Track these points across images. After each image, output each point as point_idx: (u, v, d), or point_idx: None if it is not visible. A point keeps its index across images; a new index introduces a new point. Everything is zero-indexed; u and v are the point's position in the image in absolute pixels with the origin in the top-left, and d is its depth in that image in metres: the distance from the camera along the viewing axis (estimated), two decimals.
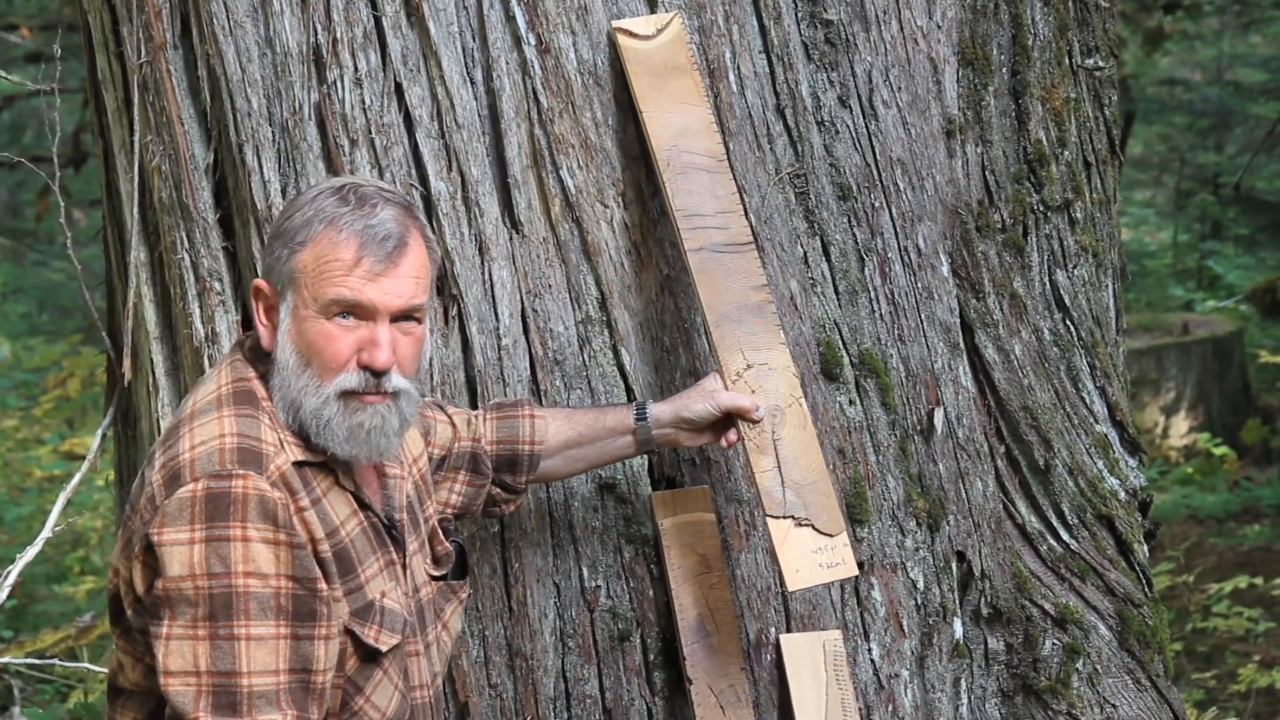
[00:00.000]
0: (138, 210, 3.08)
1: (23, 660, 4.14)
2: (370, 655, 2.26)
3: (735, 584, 2.91)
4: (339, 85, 2.81)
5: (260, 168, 2.83)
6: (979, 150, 3.34)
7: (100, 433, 3.62)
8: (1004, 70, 3.37)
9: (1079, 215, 3.44)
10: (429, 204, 2.82)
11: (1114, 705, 3.27)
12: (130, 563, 2.18)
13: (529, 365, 2.85)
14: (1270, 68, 11.65)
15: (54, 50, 3.61)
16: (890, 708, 3.04)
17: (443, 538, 2.51)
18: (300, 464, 2.22)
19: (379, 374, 2.22)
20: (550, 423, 2.69)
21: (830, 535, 2.68)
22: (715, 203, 2.81)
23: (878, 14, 3.15)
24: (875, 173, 3.12)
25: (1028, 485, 3.36)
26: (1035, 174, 3.38)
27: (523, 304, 2.85)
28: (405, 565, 2.37)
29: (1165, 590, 6.64)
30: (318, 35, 2.81)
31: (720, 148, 2.86)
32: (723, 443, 2.70)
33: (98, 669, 3.85)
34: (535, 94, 2.84)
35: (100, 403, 6.63)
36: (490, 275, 2.84)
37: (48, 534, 3.58)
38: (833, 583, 2.91)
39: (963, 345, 3.27)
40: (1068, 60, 3.46)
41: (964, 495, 3.22)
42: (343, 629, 2.23)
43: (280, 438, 2.22)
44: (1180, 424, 9.26)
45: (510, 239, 2.85)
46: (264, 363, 2.28)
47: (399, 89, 2.82)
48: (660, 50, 2.87)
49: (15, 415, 9.11)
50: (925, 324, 3.17)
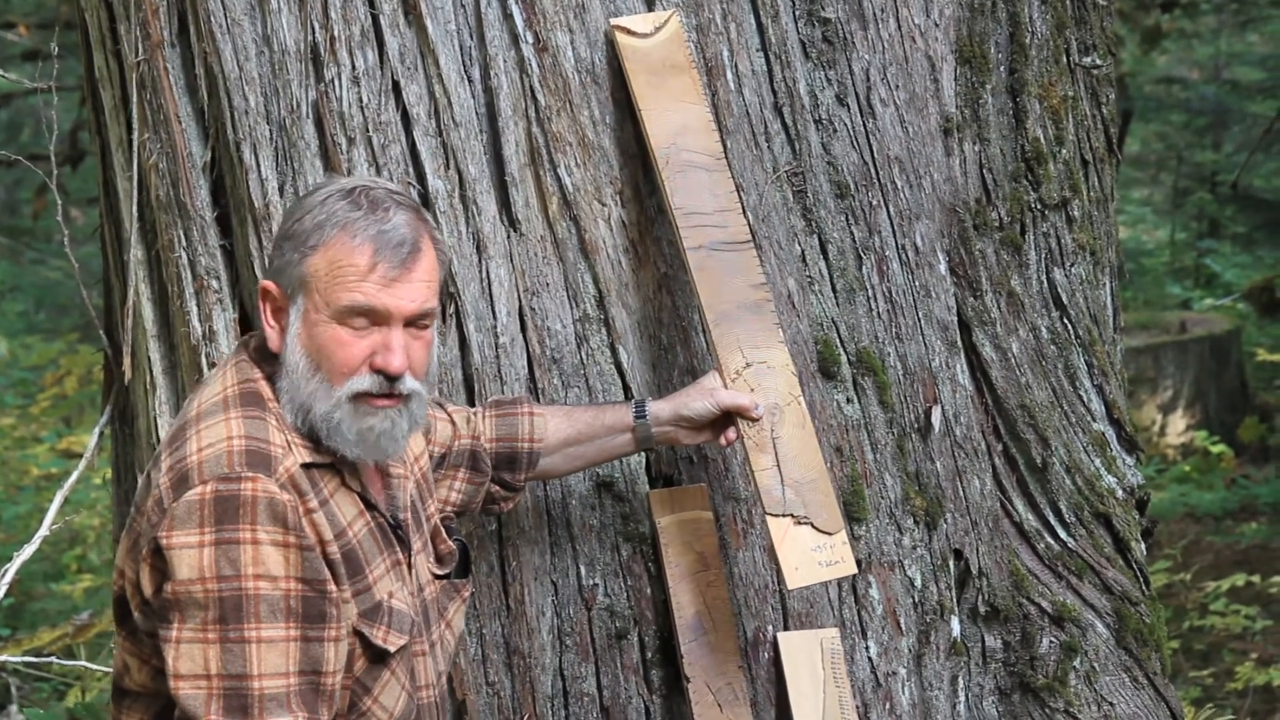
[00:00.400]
0: (135, 208, 3.08)
1: (20, 658, 4.13)
2: (379, 656, 2.26)
3: (733, 582, 2.91)
4: (336, 83, 2.81)
5: (258, 166, 2.83)
6: (976, 148, 3.34)
7: (98, 431, 3.61)
8: (1001, 68, 3.37)
9: (1076, 213, 3.44)
10: (426, 202, 2.81)
11: (1111, 703, 3.27)
12: (137, 565, 2.18)
13: (526, 363, 2.85)
14: (1268, 66, 11.64)
15: (51, 48, 3.60)
16: (887, 706, 3.04)
17: (445, 536, 2.51)
18: (308, 465, 2.23)
19: (393, 378, 2.23)
20: (549, 420, 2.68)
21: (829, 533, 2.68)
22: (714, 201, 2.81)
23: (875, 12, 3.15)
24: (873, 171, 3.12)
25: (1025, 483, 3.35)
26: (1033, 172, 3.38)
27: (520, 302, 2.85)
28: (410, 565, 2.37)
29: (1162, 588, 6.65)
30: (315, 33, 2.80)
31: (718, 146, 2.86)
32: (722, 441, 2.70)
33: (95, 667, 3.85)
34: (533, 92, 2.84)
35: (97, 401, 6.64)
36: (488, 273, 2.84)
37: (45, 532, 3.57)
38: (831, 581, 2.91)
39: (960, 343, 3.27)
40: (1065, 58, 3.46)
41: (961, 493, 3.22)
42: (351, 630, 2.23)
43: (288, 439, 2.22)
44: (1177, 422, 9.26)
45: (508, 237, 2.85)
46: (270, 364, 2.28)
47: (396, 87, 2.82)
48: (658, 48, 2.87)
49: (12, 413, 9.10)
50: (923, 322, 3.17)
